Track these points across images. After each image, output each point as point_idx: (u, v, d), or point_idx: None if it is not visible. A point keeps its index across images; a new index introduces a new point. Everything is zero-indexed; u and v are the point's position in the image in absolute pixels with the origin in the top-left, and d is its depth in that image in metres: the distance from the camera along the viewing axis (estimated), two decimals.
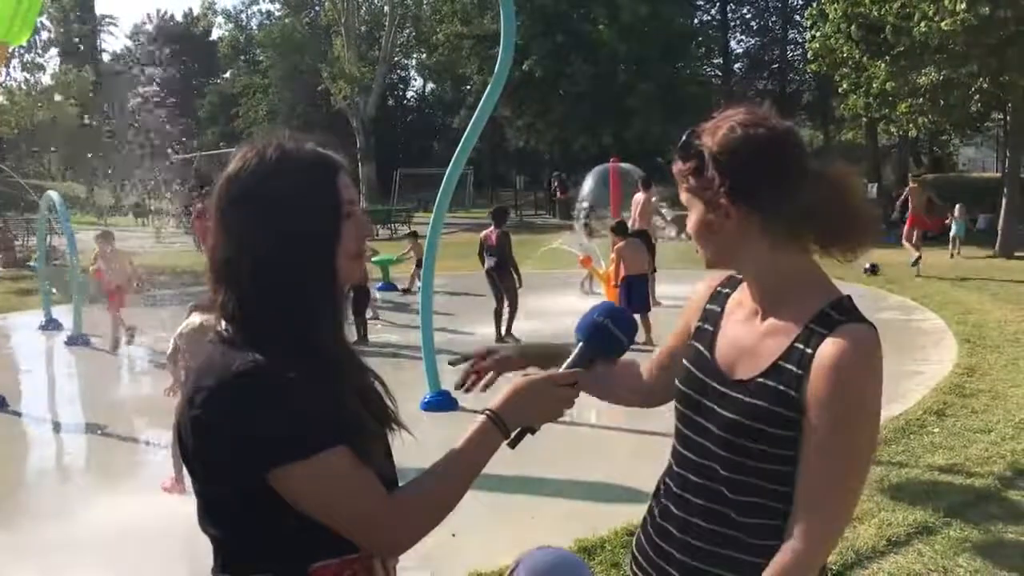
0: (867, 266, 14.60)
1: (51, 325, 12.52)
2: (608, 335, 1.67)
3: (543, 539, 4.53)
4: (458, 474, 1.56)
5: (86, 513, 5.80)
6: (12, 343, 12.17)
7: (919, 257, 15.03)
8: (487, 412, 1.59)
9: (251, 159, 1.56)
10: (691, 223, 1.69)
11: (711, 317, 1.79)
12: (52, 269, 15.48)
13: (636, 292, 9.96)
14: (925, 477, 5.40)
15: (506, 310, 10.63)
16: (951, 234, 18.66)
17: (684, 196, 1.70)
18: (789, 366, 1.59)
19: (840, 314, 1.60)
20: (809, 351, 1.57)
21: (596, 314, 1.70)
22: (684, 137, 1.69)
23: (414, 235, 16.23)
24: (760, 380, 1.62)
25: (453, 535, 4.26)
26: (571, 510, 5.14)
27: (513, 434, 1.60)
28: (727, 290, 1.82)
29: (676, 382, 1.78)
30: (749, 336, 1.70)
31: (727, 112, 1.67)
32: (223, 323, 1.56)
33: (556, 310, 12.45)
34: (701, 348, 1.76)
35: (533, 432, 1.62)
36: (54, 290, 13.36)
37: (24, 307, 14.49)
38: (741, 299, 1.78)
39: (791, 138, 1.64)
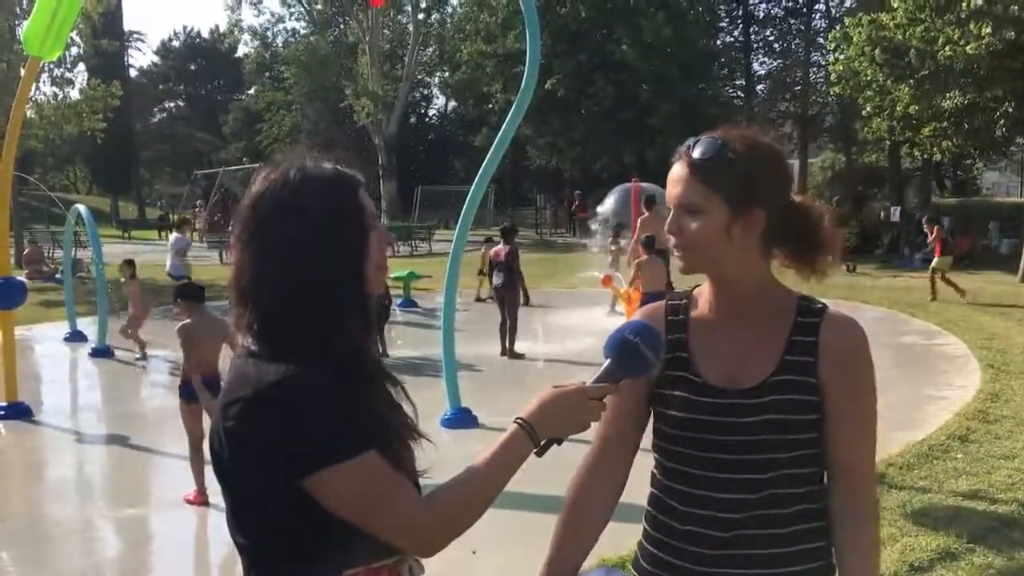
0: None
1: (76, 337, 12.64)
2: (636, 353, 1.65)
3: None
4: (489, 479, 1.58)
5: (109, 524, 5.85)
6: (37, 354, 12.28)
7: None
8: (518, 421, 1.61)
9: (275, 180, 1.61)
10: (705, 227, 1.70)
11: (679, 344, 1.82)
12: (77, 281, 15.66)
13: None
14: (948, 503, 5.36)
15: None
16: None
17: (696, 199, 1.69)
18: (798, 358, 1.72)
19: (812, 303, 1.78)
20: (810, 339, 1.73)
21: (627, 331, 1.68)
22: (710, 140, 1.71)
23: (489, 241, 15.16)
24: (775, 378, 1.72)
25: (474, 552, 4.27)
26: None
27: (542, 443, 1.62)
28: (680, 316, 1.85)
29: (672, 413, 1.78)
30: (737, 345, 1.76)
31: (729, 127, 1.77)
32: (249, 339, 1.59)
33: (580, 329, 12.47)
34: (685, 375, 1.78)
35: (559, 443, 1.64)
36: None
37: (49, 319, 14.63)
38: (700, 316, 1.83)
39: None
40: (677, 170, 1.74)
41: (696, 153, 1.70)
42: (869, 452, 1.79)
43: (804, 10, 38.56)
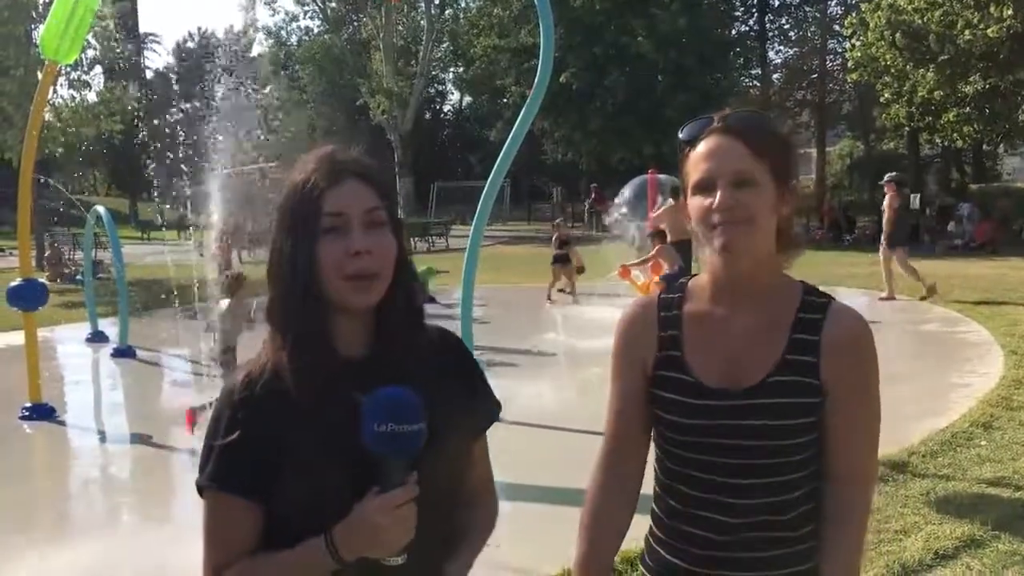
0: None
1: (97, 337, 12.73)
2: (400, 437, 1.44)
3: None
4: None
5: (136, 523, 5.89)
6: (59, 355, 12.38)
7: None
8: (327, 535, 1.47)
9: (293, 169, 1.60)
10: (761, 199, 1.61)
11: (672, 343, 1.73)
12: (98, 282, 15.76)
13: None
14: (973, 490, 5.32)
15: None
16: None
17: (750, 166, 1.61)
18: (800, 357, 1.64)
19: (819, 297, 1.70)
20: (813, 338, 1.65)
21: (375, 424, 1.43)
22: (748, 112, 1.68)
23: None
24: (775, 379, 1.64)
25: (498, 546, 4.26)
26: None
27: (390, 561, 1.48)
28: (674, 311, 1.76)
29: (667, 416, 1.72)
30: (735, 342, 1.68)
31: (736, 110, 1.71)
32: None
33: (601, 321, 12.44)
34: (679, 375, 1.71)
35: (394, 563, 1.49)
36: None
37: (71, 320, 14.73)
38: (697, 311, 1.74)
39: None
40: (718, 142, 1.64)
41: (739, 122, 1.64)
42: (869, 454, 1.72)
43: None
